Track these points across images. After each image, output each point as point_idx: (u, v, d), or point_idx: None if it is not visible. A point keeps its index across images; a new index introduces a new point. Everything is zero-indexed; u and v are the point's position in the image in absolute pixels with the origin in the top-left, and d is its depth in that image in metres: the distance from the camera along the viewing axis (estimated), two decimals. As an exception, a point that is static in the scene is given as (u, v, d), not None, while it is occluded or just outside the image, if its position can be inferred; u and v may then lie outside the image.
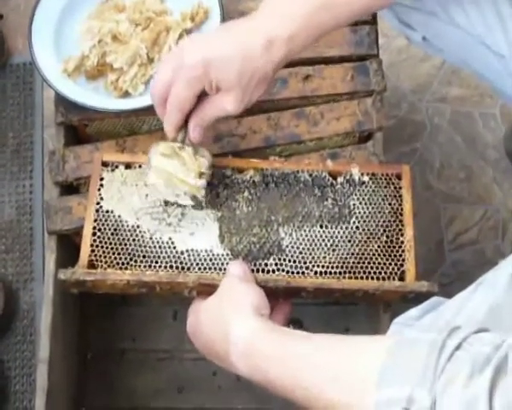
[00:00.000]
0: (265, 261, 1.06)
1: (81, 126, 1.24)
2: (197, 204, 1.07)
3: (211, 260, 1.05)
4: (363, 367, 0.76)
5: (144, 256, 1.05)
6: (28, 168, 1.66)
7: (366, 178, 1.12)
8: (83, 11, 1.28)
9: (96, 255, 1.05)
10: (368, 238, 1.08)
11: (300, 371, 0.83)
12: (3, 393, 1.48)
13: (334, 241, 1.08)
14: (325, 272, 1.05)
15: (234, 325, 0.93)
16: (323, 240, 1.08)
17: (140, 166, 1.11)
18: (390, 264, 1.07)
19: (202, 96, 1.01)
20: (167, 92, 1.01)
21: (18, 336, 1.53)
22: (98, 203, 1.08)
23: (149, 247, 1.06)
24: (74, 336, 1.34)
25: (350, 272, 1.06)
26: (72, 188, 1.20)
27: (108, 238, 1.06)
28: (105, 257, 1.05)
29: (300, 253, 1.06)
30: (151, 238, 1.06)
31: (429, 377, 0.69)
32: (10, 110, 1.71)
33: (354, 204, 1.10)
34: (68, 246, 1.18)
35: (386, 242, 1.08)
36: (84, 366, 1.38)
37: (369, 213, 1.10)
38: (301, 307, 1.31)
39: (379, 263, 1.07)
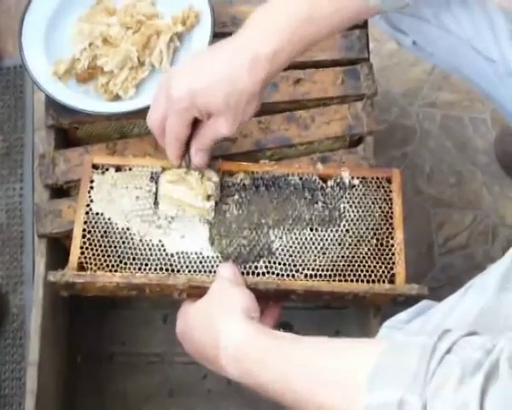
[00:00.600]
0: (255, 264, 1.06)
1: (71, 129, 1.24)
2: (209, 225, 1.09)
3: (201, 262, 1.05)
4: (354, 371, 0.76)
5: (134, 259, 1.05)
6: (18, 171, 1.65)
7: (356, 182, 1.12)
8: (73, 14, 1.28)
9: (85, 257, 1.05)
10: (358, 241, 1.08)
11: (290, 374, 0.83)
12: (-8, 396, 1.48)
13: (324, 244, 1.08)
14: (315, 275, 1.05)
15: (223, 328, 0.92)
16: (313, 243, 1.08)
17: (130, 169, 1.11)
18: (380, 267, 1.07)
19: (198, 122, 1.04)
20: (164, 123, 1.03)
21: (7, 340, 1.52)
22: (88, 205, 1.08)
23: (139, 249, 1.06)
24: (64, 340, 1.33)
25: (340, 275, 1.06)
26: (62, 191, 1.20)
27: (98, 241, 1.06)
28: (95, 259, 1.05)
29: (290, 256, 1.06)
30: (141, 241, 1.06)
31: (420, 381, 0.69)
32: (0, 113, 1.70)
33: (344, 207, 1.10)
34: (58, 249, 1.18)
35: (376, 245, 1.08)
36: (74, 370, 1.37)
37: (360, 216, 1.10)
38: (292, 310, 1.32)
39: (369, 266, 1.07)
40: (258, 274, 1.05)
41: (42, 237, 1.17)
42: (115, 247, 1.06)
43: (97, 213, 1.08)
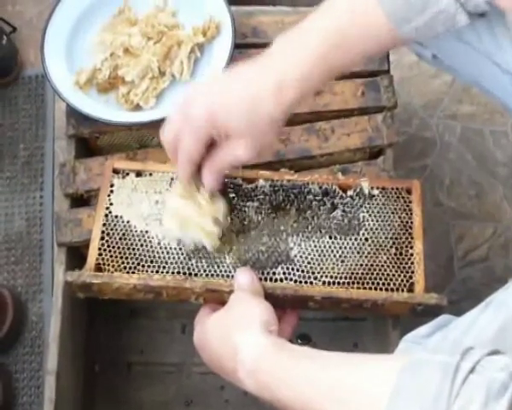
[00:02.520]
0: (273, 270, 1.05)
1: (92, 139, 1.25)
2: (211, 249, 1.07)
3: (218, 267, 1.05)
4: (374, 390, 0.75)
5: (152, 261, 1.05)
6: (39, 180, 1.66)
7: (376, 192, 1.12)
8: (95, 24, 1.29)
9: (103, 259, 1.05)
10: (377, 250, 1.08)
11: (308, 391, 0.82)
12: (11, 404, 1.48)
13: (343, 252, 1.07)
14: (333, 283, 1.05)
15: (241, 341, 0.92)
16: (332, 251, 1.07)
17: (150, 174, 1.12)
18: (399, 275, 1.06)
19: (214, 143, 0.99)
20: (177, 139, 0.99)
21: (26, 348, 1.53)
22: (108, 208, 1.08)
23: (157, 252, 1.06)
24: (82, 349, 1.34)
25: (358, 283, 1.05)
26: (82, 200, 1.21)
27: (116, 243, 1.06)
28: (112, 261, 1.05)
29: (309, 263, 1.06)
30: (159, 244, 1.06)
31: (443, 402, 0.68)
32: (22, 122, 1.72)
33: (364, 216, 1.10)
34: (77, 258, 1.18)
35: (395, 254, 1.08)
36: (92, 379, 1.37)
37: (379, 225, 1.10)
38: (310, 322, 1.31)
39: (388, 275, 1.06)
40: (275, 280, 1.04)
41: (61, 245, 1.17)
42: (133, 249, 1.06)
43: (116, 216, 1.08)
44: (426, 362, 0.73)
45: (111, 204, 1.09)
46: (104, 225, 1.07)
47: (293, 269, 1.06)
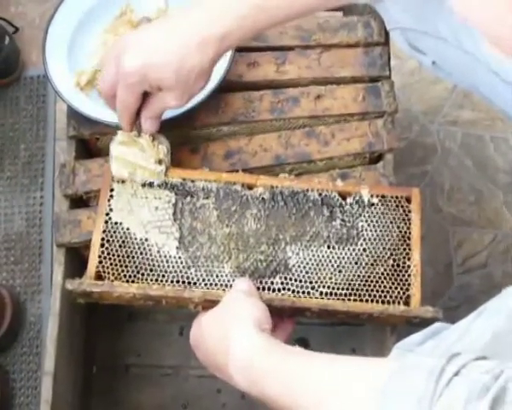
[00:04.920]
0: (271, 280, 1.06)
1: (92, 140, 1.24)
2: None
3: (217, 276, 1.05)
4: (363, 391, 0.75)
5: (151, 270, 1.05)
6: (39, 180, 1.66)
7: (375, 200, 1.12)
8: (97, 26, 1.29)
9: (103, 267, 1.05)
10: (374, 261, 1.08)
11: (297, 389, 0.83)
12: (8, 404, 1.48)
13: (340, 262, 1.07)
14: (330, 293, 1.05)
15: (234, 338, 0.92)
16: (330, 261, 1.07)
17: None
18: (396, 288, 1.06)
19: (148, 92, 1.06)
20: (113, 90, 1.06)
21: (24, 348, 1.53)
22: (107, 214, 1.08)
23: (157, 261, 1.06)
24: (80, 350, 1.33)
25: (355, 295, 1.05)
26: (81, 201, 1.20)
27: (116, 250, 1.06)
28: (112, 269, 1.05)
29: (307, 272, 1.06)
30: (158, 252, 1.06)
31: (426, 402, 0.68)
32: (23, 122, 1.72)
33: (362, 226, 1.10)
34: (76, 259, 1.18)
35: (392, 265, 1.08)
36: (89, 380, 1.37)
37: (377, 235, 1.10)
38: (307, 326, 1.31)
39: (384, 287, 1.06)
40: (273, 290, 1.05)
41: (60, 246, 1.17)
42: (133, 257, 1.06)
43: (116, 223, 1.08)
44: (414, 366, 0.74)
45: (111, 210, 1.09)
46: (104, 231, 1.07)
47: (291, 279, 1.06)
